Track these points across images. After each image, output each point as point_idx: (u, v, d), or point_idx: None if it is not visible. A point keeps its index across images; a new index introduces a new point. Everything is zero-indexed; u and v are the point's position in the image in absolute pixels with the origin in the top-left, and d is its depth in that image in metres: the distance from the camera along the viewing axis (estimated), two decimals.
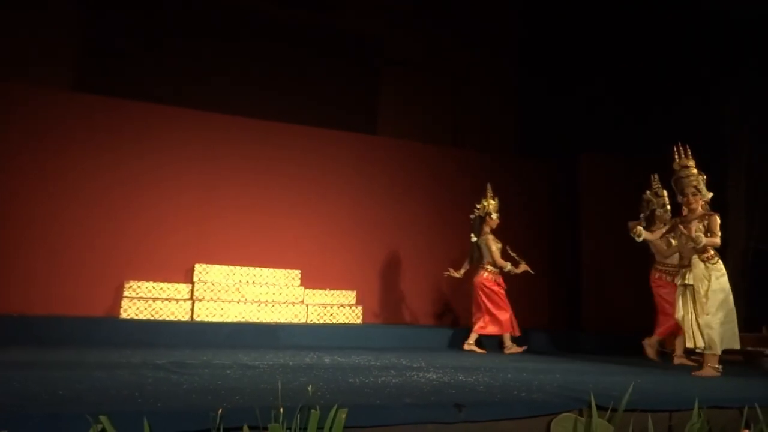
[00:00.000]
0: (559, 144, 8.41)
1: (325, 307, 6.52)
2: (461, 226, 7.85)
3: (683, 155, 4.72)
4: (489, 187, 6.28)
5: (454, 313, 7.55)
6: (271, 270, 6.63)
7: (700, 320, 4.39)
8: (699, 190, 4.60)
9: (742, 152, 7.28)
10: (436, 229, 7.69)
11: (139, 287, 5.95)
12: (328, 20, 7.93)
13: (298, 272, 6.73)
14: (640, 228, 4.87)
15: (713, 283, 4.42)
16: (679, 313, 4.53)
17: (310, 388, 2.30)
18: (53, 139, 6.13)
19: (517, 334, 6.01)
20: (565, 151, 8.34)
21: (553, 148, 8.52)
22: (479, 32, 8.76)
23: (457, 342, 6.30)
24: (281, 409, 2.08)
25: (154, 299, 5.86)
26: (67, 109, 6.23)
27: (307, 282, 6.77)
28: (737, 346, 4.51)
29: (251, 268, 6.54)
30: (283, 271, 6.67)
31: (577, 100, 8.27)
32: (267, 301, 6.31)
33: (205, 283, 6.20)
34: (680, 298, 4.57)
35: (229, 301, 6.09)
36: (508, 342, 5.94)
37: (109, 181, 6.28)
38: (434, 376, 3.42)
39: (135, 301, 5.76)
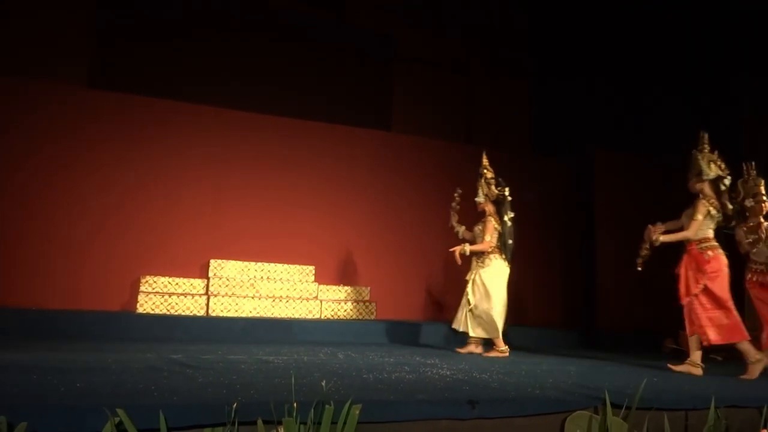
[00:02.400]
0: (573, 142, 8.35)
1: (339, 303, 6.53)
2: (475, 223, 7.85)
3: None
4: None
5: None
6: (286, 266, 6.66)
7: None
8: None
9: (760, 149, 7.17)
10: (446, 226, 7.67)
11: (155, 282, 6.00)
12: (342, 18, 7.94)
13: (312, 268, 6.76)
14: (657, 234, 4.26)
15: None
16: None
17: (324, 383, 2.31)
18: (70, 136, 6.20)
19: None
20: (579, 148, 8.28)
21: (567, 146, 8.46)
22: (492, 29, 8.73)
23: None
24: (295, 404, 2.09)
25: (170, 294, 5.91)
26: (82, 106, 6.30)
27: (322, 278, 6.80)
28: None
29: (266, 264, 6.58)
30: (298, 266, 6.70)
31: (591, 97, 8.20)
32: (281, 296, 6.34)
33: (220, 278, 6.24)
34: None
35: (244, 297, 6.14)
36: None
37: (125, 178, 6.34)
38: (448, 373, 3.42)
39: (151, 296, 5.82)
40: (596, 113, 8.13)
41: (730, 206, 4.23)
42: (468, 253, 5.06)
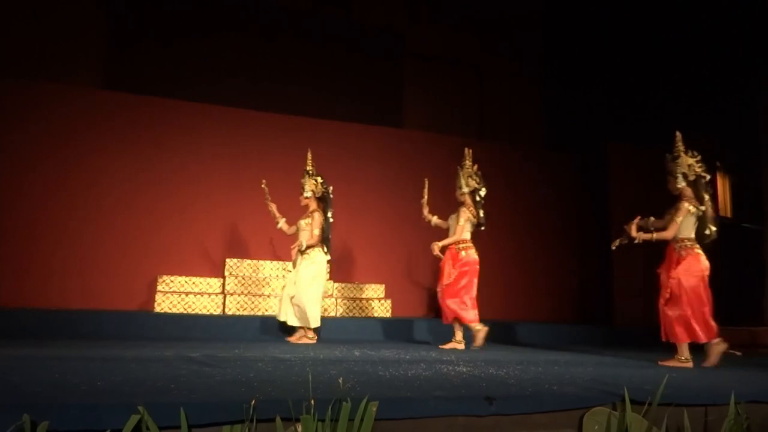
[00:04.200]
0: (585, 135, 8.29)
1: (354, 301, 6.55)
2: (488, 218, 7.82)
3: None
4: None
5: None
6: None
7: None
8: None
9: None
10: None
11: (172, 282, 6.06)
12: (352, 15, 7.94)
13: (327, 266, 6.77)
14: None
15: None
16: None
17: (340, 380, 2.31)
18: (85, 138, 6.28)
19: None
20: (591, 142, 8.22)
21: (579, 140, 8.39)
22: (503, 24, 8.68)
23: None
24: (312, 401, 2.10)
25: (187, 293, 5.96)
26: (98, 107, 6.37)
27: (337, 276, 6.81)
28: None
29: (281, 263, 6.61)
30: None
31: (603, 90, 8.12)
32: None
33: (236, 277, 6.28)
34: None
35: (260, 295, 6.17)
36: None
37: (142, 178, 6.41)
38: (464, 369, 3.41)
39: (168, 295, 5.87)
40: (608, 105, 8.06)
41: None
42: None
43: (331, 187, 5.41)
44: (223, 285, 6.24)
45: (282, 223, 5.44)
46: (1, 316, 4.99)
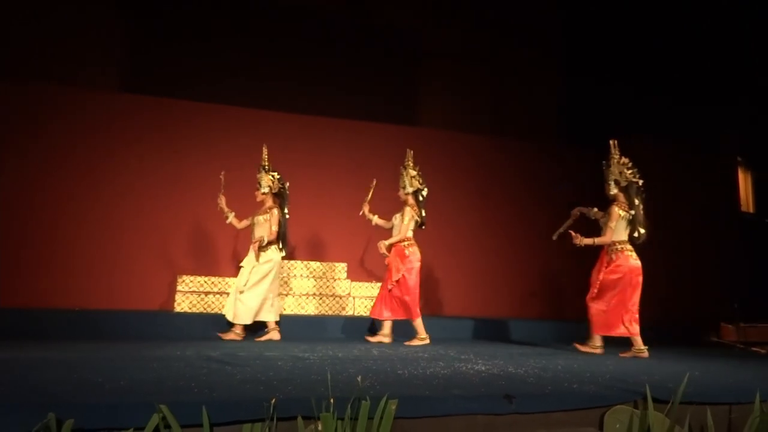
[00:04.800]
0: (604, 129, 8.18)
1: (372, 299, 6.55)
2: (506, 215, 7.78)
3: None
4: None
5: (504, 304, 7.48)
6: (318, 263, 6.71)
7: None
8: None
9: None
10: (481, 219, 7.64)
11: (191, 281, 6.11)
12: (367, 13, 7.94)
13: (344, 265, 6.79)
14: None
15: None
16: None
17: (359, 379, 2.32)
18: (105, 139, 6.35)
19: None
20: (611, 136, 8.11)
21: (598, 134, 8.29)
22: (520, 17, 8.61)
23: (504, 333, 6.26)
24: (332, 400, 2.12)
25: (206, 293, 6.02)
26: (115, 109, 6.45)
27: (354, 275, 6.82)
28: None
29: (298, 262, 6.64)
30: (330, 264, 6.75)
31: (622, 82, 8.01)
32: (314, 293, 6.39)
33: None
34: None
35: (278, 295, 6.19)
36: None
37: (160, 179, 6.47)
38: (483, 368, 3.40)
39: (188, 295, 5.93)
40: (629, 99, 7.95)
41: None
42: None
43: (287, 183, 5.41)
44: None
45: (231, 218, 5.36)
46: (24, 317, 5.08)
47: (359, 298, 6.54)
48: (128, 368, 3.01)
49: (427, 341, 5.13)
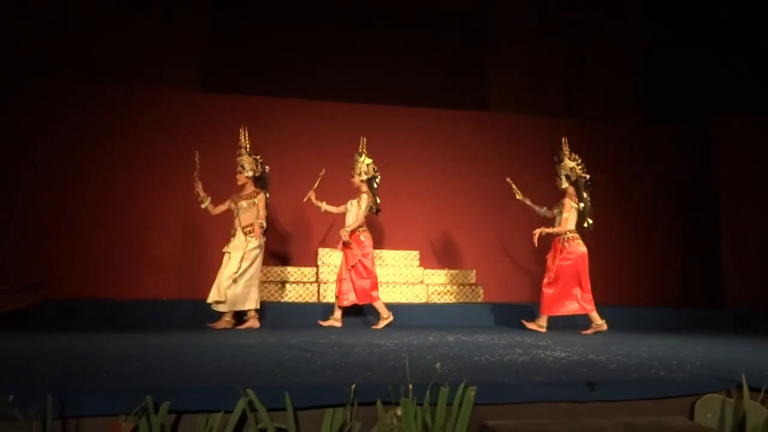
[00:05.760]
0: (686, 108, 7.75)
1: (445, 287, 6.54)
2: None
3: None
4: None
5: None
6: (391, 251, 6.76)
7: None
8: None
9: None
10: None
11: (269, 272, 6.30)
12: None
13: (416, 253, 6.81)
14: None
15: None
16: None
17: (438, 365, 2.33)
18: (183, 138, 6.61)
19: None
20: (693, 114, 7.68)
21: (679, 112, 7.86)
22: None
23: (579, 319, 6.08)
24: (411, 386, 2.13)
25: (284, 282, 6.20)
26: (196, 108, 6.70)
27: (426, 262, 6.83)
28: None
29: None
30: (402, 252, 6.78)
31: (705, 58, 7.53)
32: (387, 281, 6.44)
33: (329, 266, 6.45)
34: None
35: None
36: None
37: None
38: (562, 355, 3.33)
39: (266, 284, 6.12)
40: (712, 76, 7.48)
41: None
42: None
43: (267, 167, 5.35)
44: (317, 274, 6.43)
45: (207, 203, 5.22)
46: (113, 308, 5.44)
47: (432, 285, 6.54)
48: (214, 355, 3.15)
49: (391, 318, 5.26)
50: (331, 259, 6.57)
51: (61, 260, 6.12)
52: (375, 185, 5.49)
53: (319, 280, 6.34)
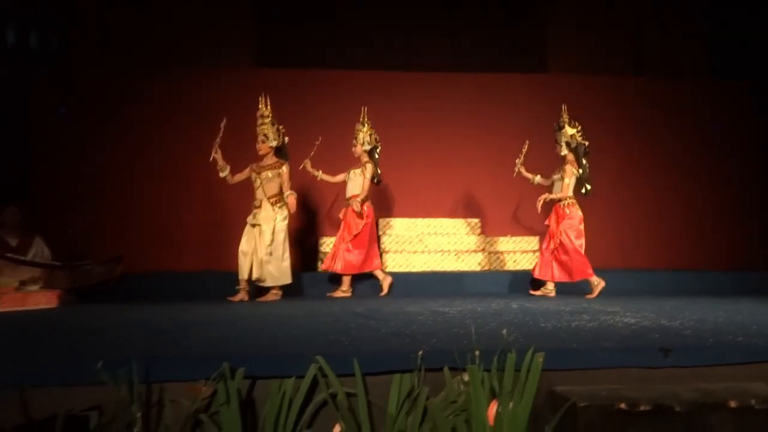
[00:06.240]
0: (758, 60, 7.24)
1: (508, 254, 6.48)
2: (651, 162, 7.24)
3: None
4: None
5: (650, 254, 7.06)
6: (452, 220, 6.73)
7: None
8: None
9: None
10: (622, 166, 7.18)
11: (326, 243, 6.41)
12: None
13: (477, 220, 6.75)
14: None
15: None
16: None
17: (504, 332, 2.32)
18: (240, 114, 6.75)
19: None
20: (763, 68, 7.18)
21: (753, 64, 7.35)
22: None
23: (649, 285, 5.90)
24: (477, 352, 2.14)
25: None
26: (251, 84, 6.79)
27: (489, 229, 6.77)
28: None
29: (432, 219, 6.70)
30: (463, 220, 6.74)
31: None
32: (449, 250, 6.43)
33: (390, 236, 6.49)
34: None
35: (414, 252, 6.33)
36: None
37: (299, 149, 6.77)
38: (632, 320, 3.25)
39: (325, 255, 6.22)
40: None
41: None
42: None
43: (287, 138, 5.26)
44: (378, 244, 6.49)
45: (227, 172, 5.07)
46: (184, 280, 5.70)
47: (494, 252, 6.49)
48: (283, 323, 3.27)
49: (350, 294, 5.32)
50: (392, 229, 6.61)
51: (135, 236, 6.44)
52: (376, 155, 5.52)
53: (381, 249, 6.40)
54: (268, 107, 5.16)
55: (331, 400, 2.11)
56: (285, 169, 5.06)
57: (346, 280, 5.42)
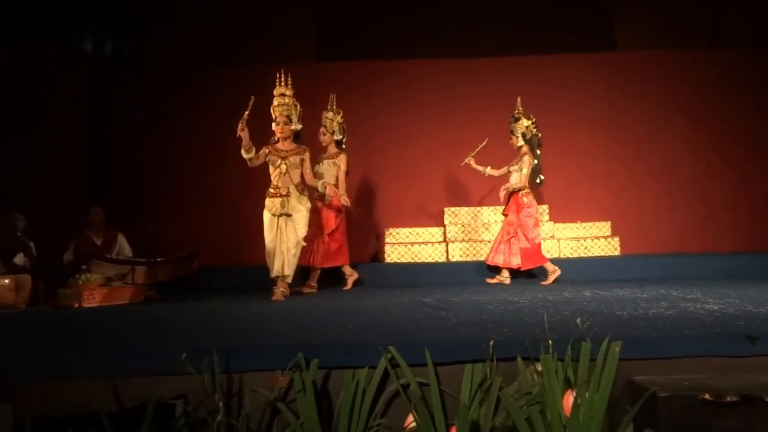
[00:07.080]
0: None
1: (578, 241, 6.31)
2: (729, 143, 6.84)
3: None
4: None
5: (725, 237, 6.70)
6: None
7: None
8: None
9: None
10: (697, 147, 6.83)
11: (398, 233, 6.45)
12: None
13: (545, 207, 6.60)
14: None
15: None
16: None
17: (579, 320, 2.27)
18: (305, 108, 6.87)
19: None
20: None
21: None
22: None
23: (732, 269, 5.59)
24: (550, 341, 2.11)
25: (412, 243, 6.31)
26: (313, 79, 6.90)
27: (558, 216, 6.61)
28: None
29: (497, 208, 6.59)
30: None
31: None
32: None
33: (456, 225, 6.46)
34: None
35: (479, 241, 6.27)
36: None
37: (360, 140, 6.83)
38: (715, 307, 3.10)
39: (396, 246, 6.27)
40: None
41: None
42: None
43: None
44: (444, 233, 6.47)
45: (252, 154, 4.62)
46: (256, 273, 5.79)
47: (564, 239, 6.34)
48: (355, 314, 3.32)
49: (315, 290, 5.09)
50: (457, 218, 6.57)
51: (209, 232, 6.69)
52: (343, 146, 5.26)
53: (447, 239, 6.38)
54: (290, 86, 4.73)
55: (402, 390, 2.13)
56: (308, 155, 4.71)
57: (316, 274, 5.16)
